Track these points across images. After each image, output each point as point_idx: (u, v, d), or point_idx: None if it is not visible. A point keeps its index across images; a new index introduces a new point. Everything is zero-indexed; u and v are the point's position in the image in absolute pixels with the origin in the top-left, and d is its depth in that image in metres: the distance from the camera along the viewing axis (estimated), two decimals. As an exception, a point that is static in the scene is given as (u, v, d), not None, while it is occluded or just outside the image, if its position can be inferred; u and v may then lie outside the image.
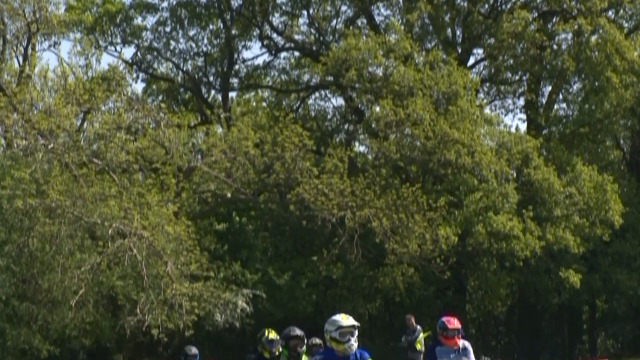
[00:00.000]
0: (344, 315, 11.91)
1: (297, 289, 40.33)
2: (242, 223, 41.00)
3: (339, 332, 11.55)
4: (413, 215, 36.86)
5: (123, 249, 30.72)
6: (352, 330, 11.60)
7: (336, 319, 11.75)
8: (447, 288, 44.93)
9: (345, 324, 11.61)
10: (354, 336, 11.57)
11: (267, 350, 16.15)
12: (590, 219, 42.39)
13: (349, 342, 11.55)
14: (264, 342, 16.20)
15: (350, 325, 11.62)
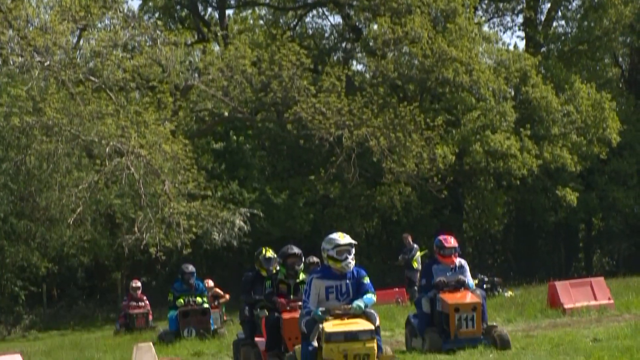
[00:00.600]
0: (341, 233, 12.03)
1: (294, 207, 40.41)
2: (240, 142, 40.92)
3: (336, 251, 11.68)
4: (410, 134, 36.83)
5: (120, 168, 30.71)
6: (349, 249, 11.74)
7: (333, 237, 11.89)
8: (444, 207, 45.07)
9: (342, 242, 11.73)
10: (351, 254, 11.72)
11: (264, 268, 16.21)
12: (588, 137, 42.40)
13: (346, 260, 11.69)
14: (261, 261, 16.28)
15: (347, 244, 11.76)
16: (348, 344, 10.96)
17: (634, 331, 14.41)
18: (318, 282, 11.82)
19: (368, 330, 11.11)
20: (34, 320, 36.79)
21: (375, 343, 11.11)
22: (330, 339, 11.01)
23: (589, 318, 19.74)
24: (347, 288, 11.82)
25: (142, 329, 26.39)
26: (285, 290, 14.61)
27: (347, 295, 11.80)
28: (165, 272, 40.89)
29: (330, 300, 11.75)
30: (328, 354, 11.04)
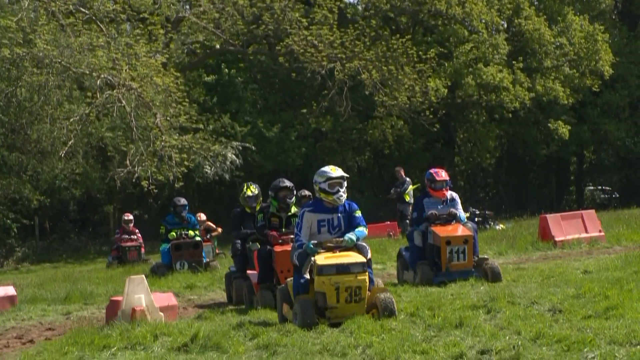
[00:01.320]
0: (333, 167, 12.06)
1: (286, 141, 40.37)
2: (231, 75, 40.74)
3: (328, 184, 11.70)
4: (403, 67, 36.69)
5: (112, 100, 30.55)
6: (341, 182, 11.78)
7: (325, 170, 11.90)
8: (436, 140, 45.09)
9: (334, 175, 11.74)
10: (342, 187, 11.77)
11: (247, 206, 16.57)
12: (580, 69, 42.30)
13: (338, 193, 11.72)
14: (244, 199, 16.63)
15: (339, 177, 11.78)
16: (340, 276, 10.99)
17: (624, 263, 14.50)
18: (310, 215, 11.80)
19: (360, 263, 11.11)
20: (27, 253, 36.91)
21: (367, 276, 11.13)
22: (322, 272, 11.03)
23: (579, 250, 19.85)
24: (339, 221, 11.83)
25: (135, 262, 26.38)
26: (277, 224, 14.67)
27: (339, 228, 11.81)
28: (158, 206, 40.93)
29: (322, 234, 11.75)
30: (320, 286, 11.07)
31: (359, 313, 11.00)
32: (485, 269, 14.88)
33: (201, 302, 16.81)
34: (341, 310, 11.06)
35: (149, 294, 12.46)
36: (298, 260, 11.60)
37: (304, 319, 10.84)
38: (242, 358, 9.53)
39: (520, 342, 8.93)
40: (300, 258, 11.58)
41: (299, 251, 11.62)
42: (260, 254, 14.36)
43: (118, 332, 11.21)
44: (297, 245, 11.74)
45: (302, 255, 11.56)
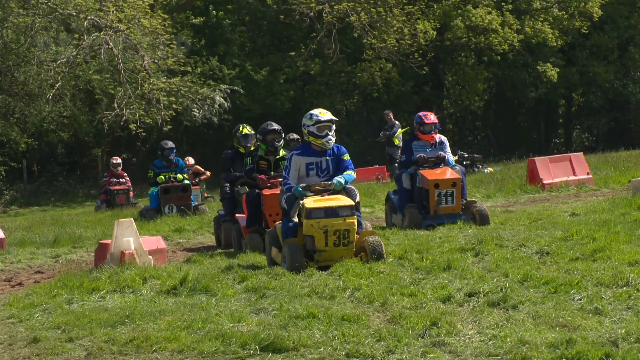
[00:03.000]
0: (322, 110, 11.99)
1: (274, 84, 40.23)
2: (219, 17, 40.48)
3: (317, 127, 11.66)
4: (392, 9, 36.50)
5: (99, 42, 30.38)
6: (330, 125, 11.74)
7: (314, 113, 11.83)
8: (425, 83, 44.99)
9: (322, 119, 11.67)
10: (331, 131, 11.74)
11: (242, 146, 16.36)
12: (569, 11, 42.13)
13: (327, 137, 11.70)
14: (239, 138, 16.43)
15: (328, 120, 11.72)
16: (328, 220, 11.00)
17: (612, 205, 14.54)
18: (298, 158, 11.78)
19: (348, 206, 11.10)
20: (15, 196, 36.89)
21: (355, 219, 11.12)
22: (311, 215, 11.02)
23: (567, 193, 19.91)
24: (327, 165, 11.84)
25: (123, 205, 26.30)
26: (265, 167, 14.66)
27: (327, 172, 11.81)
28: (146, 149, 40.88)
29: (310, 177, 11.75)
30: (308, 229, 11.07)
31: (347, 256, 11.00)
32: (473, 212, 14.89)
33: (190, 246, 16.85)
34: (329, 254, 11.08)
35: (138, 238, 12.47)
36: (287, 203, 11.54)
37: (293, 263, 10.82)
38: (231, 301, 9.56)
39: (507, 284, 8.98)
40: (288, 201, 11.53)
41: (287, 195, 11.57)
42: (249, 198, 14.34)
43: (107, 275, 11.23)
44: (285, 189, 11.67)
45: (291, 199, 11.50)
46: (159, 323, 8.57)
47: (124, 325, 8.64)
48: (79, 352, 8.00)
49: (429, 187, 15.12)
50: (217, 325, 8.20)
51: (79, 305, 9.98)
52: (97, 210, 27.17)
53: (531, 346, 6.87)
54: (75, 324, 8.84)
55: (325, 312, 8.39)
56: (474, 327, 7.69)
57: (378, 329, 7.82)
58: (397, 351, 7.21)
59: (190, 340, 7.86)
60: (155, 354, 7.73)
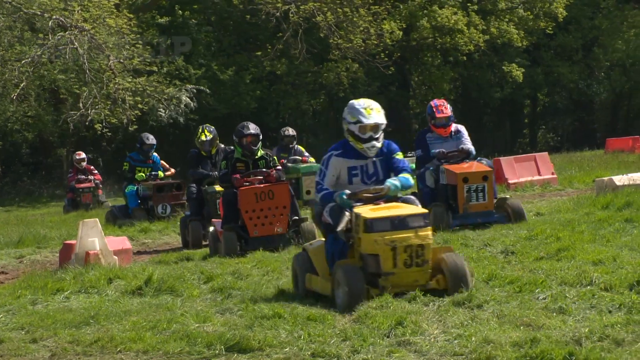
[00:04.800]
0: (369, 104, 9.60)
1: (241, 84, 40.16)
2: (185, 17, 40.35)
3: (359, 127, 9.40)
4: (358, 9, 36.52)
5: (64, 42, 30.20)
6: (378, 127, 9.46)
7: (358, 108, 9.52)
8: (391, 83, 45.07)
9: (367, 121, 9.39)
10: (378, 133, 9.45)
11: (202, 150, 16.45)
12: (534, 11, 42.36)
13: (371, 142, 9.42)
14: (199, 143, 16.47)
15: (374, 124, 9.45)
16: (396, 233, 8.68)
17: (576, 205, 14.63)
18: (338, 161, 9.45)
19: (420, 215, 8.90)
20: (-21, 196, 36.64)
21: (431, 231, 8.86)
22: (372, 228, 8.73)
23: (532, 193, 20.01)
24: (376, 168, 9.50)
25: (89, 205, 25.16)
26: (243, 169, 14.01)
27: (376, 177, 9.49)
28: (112, 149, 40.70)
29: (354, 185, 9.42)
30: (370, 247, 8.76)
31: (421, 280, 8.78)
32: (506, 209, 13.56)
33: (155, 246, 16.80)
34: (399, 277, 8.72)
35: (103, 238, 12.41)
36: (331, 216, 9.21)
37: (354, 292, 8.54)
38: (197, 301, 9.55)
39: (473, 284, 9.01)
40: (333, 214, 9.19)
41: (331, 206, 9.25)
42: (225, 198, 13.81)
43: (71, 276, 11.17)
44: (321, 197, 9.38)
45: (336, 210, 9.18)
46: (124, 323, 8.53)
47: (89, 325, 8.61)
48: (43, 353, 7.96)
49: (457, 181, 13.53)
50: (183, 326, 8.18)
51: (43, 306, 9.93)
52: (66, 211, 25.74)
53: (496, 345, 6.91)
54: (40, 324, 8.79)
55: (291, 312, 8.39)
56: (439, 326, 7.71)
57: (344, 328, 7.83)
58: (362, 351, 7.23)
59: (155, 341, 7.84)
60: (120, 354, 7.70)
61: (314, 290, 9.35)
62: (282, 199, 13.61)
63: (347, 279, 8.61)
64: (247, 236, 13.54)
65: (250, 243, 13.41)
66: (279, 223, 13.60)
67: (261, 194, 13.50)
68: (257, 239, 13.47)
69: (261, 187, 13.57)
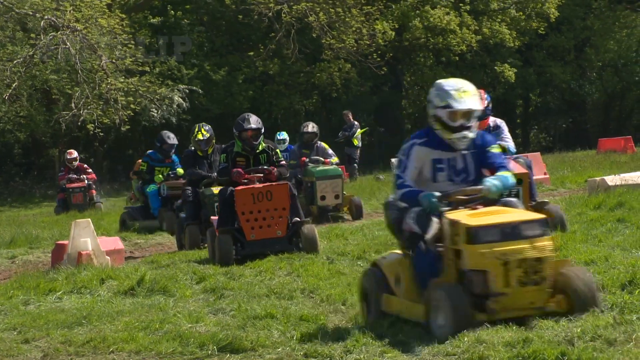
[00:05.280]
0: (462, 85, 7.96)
1: (233, 84, 40.14)
2: (178, 17, 40.32)
3: (449, 113, 7.78)
4: (350, 9, 36.53)
5: (56, 42, 30.16)
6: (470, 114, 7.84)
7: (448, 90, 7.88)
8: (384, 84, 45.08)
9: (459, 106, 7.77)
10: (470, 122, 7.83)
11: (199, 150, 15.85)
12: (527, 12, 42.39)
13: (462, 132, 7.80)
14: (195, 142, 15.85)
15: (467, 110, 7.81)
16: (509, 244, 7.17)
17: (568, 205, 14.66)
18: (422, 151, 7.87)
19: (537, 222, 7.40)
20: (-29, 196, 36.57)
21: (552, 242, 7.40)
22: (479, 238, 7.21)
23: (524, 193, 20.00)
24: (465, 163, 7.92)
25: (80, 206, 24.28)
26: (243, 164, 13.19)
27: (465, 174, 7.92)
28: (104, 149, 40.66)
29: (439, 182, 7.83)
30: (476, 261, 7.24)
31: (538, 302, 7.30)
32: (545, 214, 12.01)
33: (148, 246, 16.78)
34: (513, 299, 7.23)
35: (95, 238, 12.40)
36: (418, 222, 7.68)
37: (459, 319, 7.09)
38: (189, 301, 9.55)
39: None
40: (420, 220, 7.66)
41: (416, 211, 7.68)
42: (222, 196, 13.05)
43: (64, 276, 11.16)
44: (403, 193, 7.77)
45: (423, 216, 7.65)
46: (116, 324, 8.53)
47: (81, 326, 8.60)
48: (35, 353, 7.95)
49: None
50: (175, 326, 8.18)
51: (35, 307, 9.92)
52: (57, 212, 24.90)
53: (488, 345, 6.91)
54: (32, 325, 8.78)
55: (284, 312, 8.40)
56: (431, 326, 7.71)
57: (336, 328, 7.83)
58: (355, 351, 7.23)
59: (147, 341, 7.84)
60: (112, 355, 7.70)
61: (393, 313, 7.90)
62: (281, 200, 12.73)
63: (450, 303, 7.11)
64: (243, 239, 12.72)
65: (246, 247, 12.71)
66: (278, 226, 12.76)
67: (258, 195, 12.64)
68: (254, 242, 12.67)
69: (259, 188, 12.70)
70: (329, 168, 18.83)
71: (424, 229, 7.61)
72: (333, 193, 18.26)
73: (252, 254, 12.45)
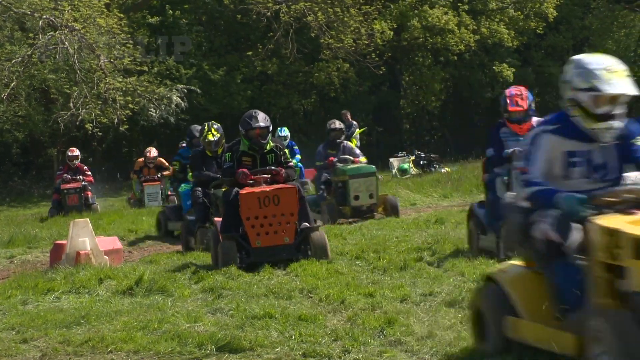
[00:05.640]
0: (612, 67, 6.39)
1: (232, 84, 40.15)
2: (176, 17, 40.33)
3: (593, 97, 6.35)
4: (349, 9, 36.54)
5: (54, 42, 30.15)
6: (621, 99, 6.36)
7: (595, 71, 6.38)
8: (382, 83, 45.10)
9: (608, 89, 6.29)
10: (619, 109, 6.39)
11: (208, 150, 15.13)
12: (525, 11, 42.44)
13: (608, 121, 6.37)
14: (206, 143, 15.15)
15: (618, 95, 6.32)
16: None
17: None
18: (553, 140, 6.51)
19: None
20: (-31, 196, 36.55)
21: None
22: None
23: (523, 193, 20.00)
24: (605, 157, 6.53)
25: (75, 208, 22.62)
26: (249, 164, 12.29)
27: (604, 170, 6.55)
28: (102, 149, 40.65)
29: (573, 179, 6.52)
30: None
31: None
32: None
33: (147, 246, 16.77)
34: None
35: (94, 238, 12.40)
36: (560, 229, 6.25)
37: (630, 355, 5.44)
38: (188, 301, 9.54)
39: (463, 283, 9.01)
40: (563, 226, 6.23)
41: (555, 215, 6.27)
42: (226, 198, 12.15)
43: (62, 276, 11.16)
44: (534, 192, 6.40)
45: (564, 221, 6.21)
46: (114, 324, 8.53)
47: (80, 326, 8.60)
48: (34, 353, 7.94)
49: None
50: (173, 326, 8.18)
51: (33, 306, 9.91)
52: (51, 214, 23.49)
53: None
54: (30, 324, 8.78)
55: (282, 312, 8.40)
56: (430, 326, 7.71)
57: (335, 328, 7.83)
58: (353, 350, 7.23)
59: (146, 341, 7.83)
60: (111, 354, 7.70)
61: (521, 340, 6.45)
62: (289, 204, 11.75)
63: (618, 335, 5.51)
64: (248, 246, 11.75)
65: (252, 254, 11.71)
66: (285, 232, 11.75)
67: (265, 199, 11.67)
68: (260, 249, 11.69)
69: (265, 191, 11.71)
70: (362, 166, 17.74)
71: (565, 237, 6.19)
72: (367, 192, 17.29)
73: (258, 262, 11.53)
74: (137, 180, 25.01)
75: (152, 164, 24.42)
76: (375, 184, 17.44)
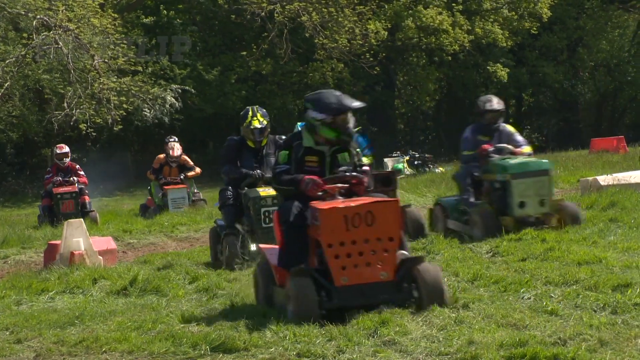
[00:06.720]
0: None
1: (226, 84, 40.15)
2: (170, 17, 40.31)
3: None
4: (343, 9, 36.55)
5: (48, 42, 30.11)
6: None
7: None
8: (376, 83, 45.13)
9: None
10: None
11: (251, 140, 12.65)
12: (519, 11, 42.49)
13: None
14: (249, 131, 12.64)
15: None
16: None
17: (561, 205, 14.65)
18: None
19: None
20: (-37, 196, 36.50)
21: None
22: None
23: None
24: None
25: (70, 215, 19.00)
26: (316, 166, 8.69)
27: None
28: (96, 149, 40.61)
29: None
30: None
31: None
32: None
33: (141, 246, 16.74)
34: None
35: (88, 238, 12.38)
36: None
37: None
38: (182, 301, 9.53)
39: (458, 283, 9.01)
40: None
41: None
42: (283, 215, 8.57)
43: (56, 276, 11.15)
44: None
45: None
46: (109, 324, 8.52)
47: (74, 326, 8.58)
48: (28, 353, 7.93)
49: None
50: (168, 326, 8.16)
51: (27, 307, 9.90)
52: (41, 221, 20.60)
53: (481, 345, 6.91)
54: (24, 325, 8.76)
55: (277, 312, 8.38)
56: (424, 326, 7.71)
57: (329, 328, 7.81)
58: (347, 351, 7.21)
59: (140, 341, 7.82)
60: (105, 355, 7.68)
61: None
62: (388, 225, 8.20)
63: None
64: (330, 285, 8.13)
65: (335, 296, 8.12)
66: (382, 264, 8.16)
67: (354, 217, 8.10)
68: (347, 289, 8.11)
69: (354, 206, 8.15)
70: (530, 160, 12.92)
71: None
72: (538, 197, 12.49)
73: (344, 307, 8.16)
74: (157, 182, 21.24)
75: (175, 163, 21.10)
76: (547, 185, 12.62)
